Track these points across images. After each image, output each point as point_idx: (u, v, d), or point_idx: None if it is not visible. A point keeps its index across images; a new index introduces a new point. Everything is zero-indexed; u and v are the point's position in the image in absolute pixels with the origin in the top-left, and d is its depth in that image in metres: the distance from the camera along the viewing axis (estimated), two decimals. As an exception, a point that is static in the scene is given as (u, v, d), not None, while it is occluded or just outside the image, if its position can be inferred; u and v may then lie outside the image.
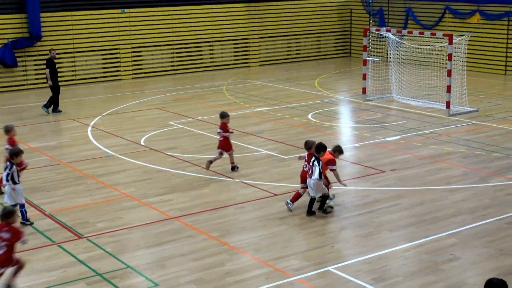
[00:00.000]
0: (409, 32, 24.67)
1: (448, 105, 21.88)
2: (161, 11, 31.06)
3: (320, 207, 13.49)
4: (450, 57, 21.84)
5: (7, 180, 13.01)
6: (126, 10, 30.20)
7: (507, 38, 29.64)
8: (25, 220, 13.15)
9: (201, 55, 32.37)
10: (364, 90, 24.76)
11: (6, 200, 13.05)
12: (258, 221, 13.19)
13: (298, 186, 14.07)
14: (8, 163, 13.29)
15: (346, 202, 14.22)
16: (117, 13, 30.05)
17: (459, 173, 16.06)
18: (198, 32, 32.03)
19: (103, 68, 30.07)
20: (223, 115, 16.40)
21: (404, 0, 33.16)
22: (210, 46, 32.50)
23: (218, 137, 16.58)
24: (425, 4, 32.53)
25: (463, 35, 23.48)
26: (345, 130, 20.78)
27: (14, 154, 13.22)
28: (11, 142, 15.09)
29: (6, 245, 10.13)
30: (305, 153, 13.84)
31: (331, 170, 13.61)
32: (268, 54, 34.15)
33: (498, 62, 30.01)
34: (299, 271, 10.91)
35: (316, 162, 13.19)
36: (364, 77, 24.78)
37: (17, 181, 13.03)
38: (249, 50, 33.59)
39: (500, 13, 29.57)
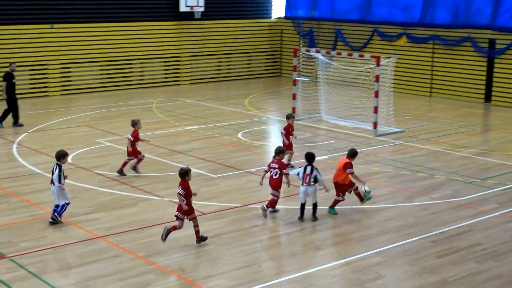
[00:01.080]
0: (338, 53, 25.09)
1: (375, 125, 22.29)
2: (91, 27, 30.73)
3: (313, 214, 14.19)
4: (377, 78, 22.29)
5: (59, 182, 13.73)
6: (55, 26, 29.76)
7: (432, 61, 30.45)
8: (54, 219, 13.85)
9: (131, 72, 32.14)
10: (293, 110, 24.97)
11: (56, 201, 13.83)
12: (185, 240, 13.10)
13: (226, 205, 14.06)
14: (55, 165, 13.88)
15: (274, 221, 14.27)
16: (46, 28, 29.59)
17: (385, 193, 16.34)
18: (129, 49, 31.81)
19: (30, 84, 29.50)
20: (289, 116, 18.07)
21: (334, 22, 33.74)
22: (140, 63, 32.32)
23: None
24: (354, 26, 33.15)
25: (390, 57, 24.00)
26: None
27: (61, 156, 13.93)
28: (135, 134, 17.14)
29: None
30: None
31: (350, 173, 14.28)
32: (199, 72, 34.16)
33: (424, 84, 30.78)
34: (227, 291, 10.88)
35: (313, 169, 14.00)
36: (294, 97, 25.03)
37: (63, 182, 13.82)
38: (180, 68, 33.54)
39: (426, 37, 30.37)
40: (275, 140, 22.32)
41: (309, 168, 14.15)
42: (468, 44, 29.09)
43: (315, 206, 14.22)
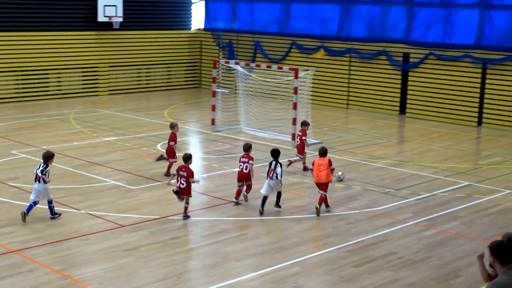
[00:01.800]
0: (257, 65, 25.30)
1: (293, 137, 22.52)
2: (6, 36, 29.99)
3: (277, 202, 15.72)
4: (296, 90, 22.56)
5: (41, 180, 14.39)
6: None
7: (349, 74, 31.06)
8: (54, 215, 14.68)
9: (47, 82, 31.53)
10: (213, 121, 25.03)
11: (32, 197, 14.47)
12: (102, 253, 12.91)
13: (145, 217, 13.95)
14: (43, 164, 14.57)
15: (193, 233, 14.24)
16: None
17: (304, 203, 16.53)
18: (46, 59, 31.20)
19: None
20: (304, 123, 19.67)
21: (253, 34, 33.98)
22: (57, 73, 31.73)
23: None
24: (272, 38, 33.48)
25: (308, 70, 24.34)
26: (194, 161, 20.78)
27: (50, 157, 14.72)
28: (172, 137, 18.26)
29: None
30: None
31: (332, 169, 15.77)
32: (117, 83, 33.78)
33: (341, 96, 31.34)
34: (145, 304, 10.76)
35: (277, 165, 15.44)
36: (214, 108, 25.07)
37: (47, 181, 14.49)
38: (98, 79, 33.10)
39: (343, 50, 30.96)
40: (195, 151, 22.27)
41: (273, 163, 15.53)
42: (384, 58, 29.81)
43: (279, 195, 15.69)
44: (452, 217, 15.58)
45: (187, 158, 15.16)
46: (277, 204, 15.78)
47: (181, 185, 14.84)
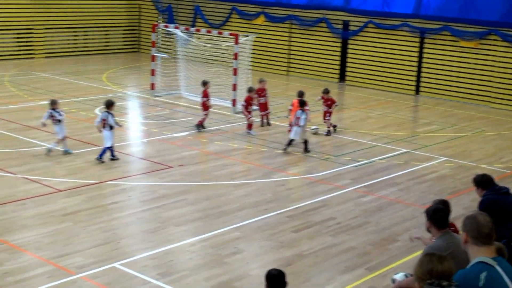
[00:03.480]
0: (197, 30, 25.03)
1: (234, 102, 22.47)
2: None
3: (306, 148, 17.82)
4: (236, 56, 22.45)
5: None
6: None
7: (290, 41, 31.04)
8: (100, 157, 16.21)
9: (-20, 44, 30.57)
10: (152, 86, 24.74)
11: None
12: (40, 218, 12.68)
13: (83, 181, 13.75)
14: (106, 113, 16.38)
15: (132, 198, 14.11)
16: None
17: (244, 169, 16.54)
18: (-22, 20, 30.23)
19: None
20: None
21: (193, -1, 33.59)
22: (-10, 34, 30.79)
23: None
24: (212, 3, 33.16)
25: (248, 36, 24.21)
26: (133, 126, 20.60)
27: (110, 104, 16.53)
28: (205, 94, 19.75)
29: None
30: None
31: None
32: (54, 46, 32.99)
33: (281, 63, 31.34)
34: (83, 269, 10.63)
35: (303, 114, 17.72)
36: (153, 73, 24.76)
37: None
38: (33, 41, 32.25)
39: (283, 16, 30.90)
40: (134, 116, 22.02)
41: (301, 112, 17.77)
42: (324, 25, 29.88)
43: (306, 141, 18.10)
44: (390, 184, 15.83)
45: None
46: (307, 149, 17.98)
47: None
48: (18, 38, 31.78)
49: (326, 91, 20.62)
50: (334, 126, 20.57)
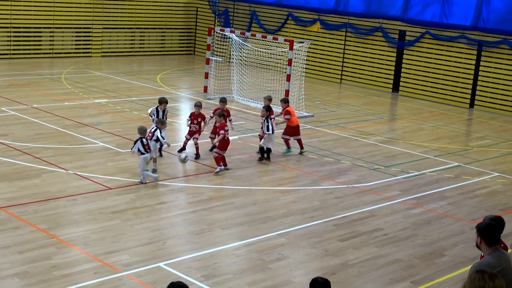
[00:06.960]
0: (252, 35, 25.11)
1: (285, 108, 22.43)
2: (-1, -9, 29.65)
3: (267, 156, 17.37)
4: (290, 62, 22.45)
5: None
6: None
7: (344, 48, 30.91)
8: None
9: (40, 40, 31.22)
10: (205, 89, 24.90)
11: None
12: (89, 214, 12.87)
13: (133, 180, 13.90)
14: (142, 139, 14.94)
15: (180, 199, 14.22)
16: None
17: (292, 175, 16.52)
18: (39, 17, 30.86)
19: None
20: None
21: (250, 4, 33.72)
22: (50, 32, 31.41)
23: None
24: (269, 8, 33.25)
25: (303, 42, 24.20)
26: (183, 127, 20.74)
27: (144, 131, 15.03)
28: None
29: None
30: None
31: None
32: (111, 45, 33.51)
33: (335, 71, 31.22)
34: (129, 267, 10.75)
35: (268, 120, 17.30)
36: (206, 75, 24.93)
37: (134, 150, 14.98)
38: (91, 40, 32.81)
39: (339, 24, 30.79)
40: (185, 116, 22.17)
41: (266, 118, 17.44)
42: (379, 34, 29.68)
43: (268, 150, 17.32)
44: (440, 197, 15.62)
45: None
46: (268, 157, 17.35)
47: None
48: (77, 36, 32.36)
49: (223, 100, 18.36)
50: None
